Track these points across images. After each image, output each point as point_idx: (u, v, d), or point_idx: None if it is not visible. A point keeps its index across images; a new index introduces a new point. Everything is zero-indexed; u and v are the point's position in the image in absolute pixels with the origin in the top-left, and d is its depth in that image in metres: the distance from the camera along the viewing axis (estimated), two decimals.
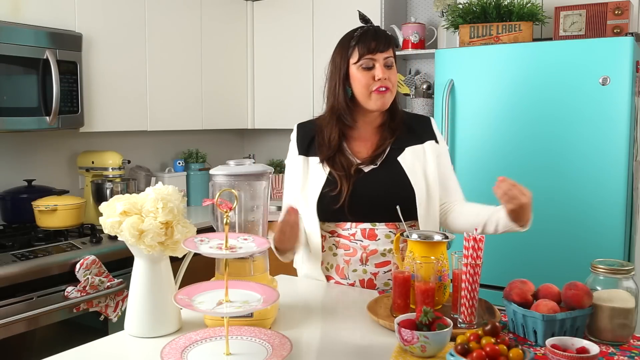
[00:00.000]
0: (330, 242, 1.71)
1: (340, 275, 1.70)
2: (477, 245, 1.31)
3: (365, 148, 1.71)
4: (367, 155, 1.69)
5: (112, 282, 2.38)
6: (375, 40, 1.62)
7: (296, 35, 3.63)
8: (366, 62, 1.62)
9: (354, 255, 1.67)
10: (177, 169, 3.60)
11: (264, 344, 1.18)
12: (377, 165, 1.67)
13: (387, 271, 1.66)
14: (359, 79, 1.64)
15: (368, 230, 1.65)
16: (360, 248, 1.66)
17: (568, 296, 1.27)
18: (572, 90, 2.40)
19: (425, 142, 1.71)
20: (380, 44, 1.62)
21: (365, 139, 1.72)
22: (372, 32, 1.65)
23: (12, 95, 2.40)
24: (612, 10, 2.51)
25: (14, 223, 2.70)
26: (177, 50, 3.29)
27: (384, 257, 1.65)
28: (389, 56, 1.64)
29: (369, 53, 1.62)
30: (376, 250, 1.65)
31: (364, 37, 1.64)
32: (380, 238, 1.65)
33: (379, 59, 1.62)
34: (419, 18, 3.55)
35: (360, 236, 1.66)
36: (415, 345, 1.15)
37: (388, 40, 1.65)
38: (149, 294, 1.30)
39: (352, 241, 1.67)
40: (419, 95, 3.32)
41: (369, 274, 1.67)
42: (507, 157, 2.54)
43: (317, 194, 1.67)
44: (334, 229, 1.69)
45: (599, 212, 2.36)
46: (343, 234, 1.68)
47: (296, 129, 1.83)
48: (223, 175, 1.37)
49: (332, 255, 1.71)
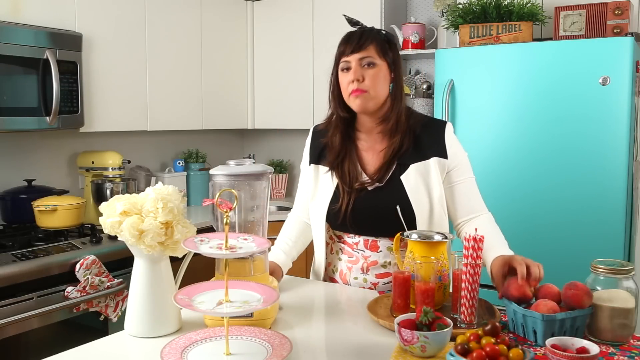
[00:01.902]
0: (337, 246, 1.73)
1: (343, 280, 1.72)
2: (477, 245, 1.31)
3: (373, 159, 1.67)
4: (374, 167, 1.65)
5: (112, 282, 2.38)
6: (345, 44, 1.61)
7: (296, 35, 3.63)
8: (343, 65, 1.61)
9: (356, 263, 1.68)
10: (177, 169, 3.60)
11: (264, 344, 1.18)
12: (382, 184, 1.62)
13: (387, 282, 1.66)
14: (341, 82, 1.63)
15: (371, 242, 1.65)
16: (361, 257, 1.67)
17: (568, 296, 1.27)
18: (572, 90, 2.40)
19: (430, 159, 1.62)
20: (351, 46, 1.59)
21: (372, 147, 1.68)
22: (349, 34, 1.63)
23: (12, 95, 2.40)
24: (612, 10, 2.51)
25: (14, 223, 2.70)
26: (177, 50, 3.29)
27: (384, 268, 1.66)
28: (366, 56, 1.58)
29: (343, 55, 1.61)
30: (377, 262, 1.65)
31: (343, 39, 1.64)
32: (382, 250, 1.65)
33: (353, 60, 1.59)
34: (419, 18, 3.55)
35: (363, 246, 1.66)
36: (415, 345, 1.15)
37: (363, 40, 1.59)
38: (149, 294, 1.30)
39: (354, 250, 1.68)
40: (419, 95, 3.32)
41: (369, 283, 1.67)
42: (507, 157, 2.54)
43: (325, 208, 1.67)
44: (341, 234, 1.71)
45: (599, 212, 2.36)
46: (347, 241, 1.70)
47: (311, 135, 1.80)
48: (223, 175, 1.37)
49: (338, 260, 1.73)
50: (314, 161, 1.74)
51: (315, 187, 1.72)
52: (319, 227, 1.71)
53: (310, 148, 1.77)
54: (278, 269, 1.68)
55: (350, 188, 1.63)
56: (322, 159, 1.72)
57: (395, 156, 1.62)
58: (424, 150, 1.63)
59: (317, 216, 1.70)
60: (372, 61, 1.59)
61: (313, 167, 1.73)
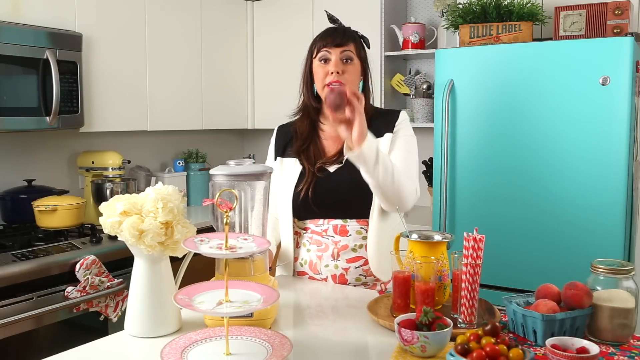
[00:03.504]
0: (305, 238, 1.76)
1: (313, 270, 1.75)
2: (477, 245, 1.31)
3: (334, 146, 1.75)
4: (335, 152, 1.73)
5: (112, 282, 2.38)
6: (330, 36, 1.67)
7: (296, 35, 3.63)
8: (322, 55, 1.66)
9: (326, 250, 1.71)
10: (177, 169, 3.60)
11: (264, 344, 1.18)
12: (342, 164, 1.70)
13: (358, 266, 1.70)
14: (316, 72, 1.69)
15: (340, 227, 1.70)
16: (331, 243, 1.71)
17: (568, 296, 1.27)
18: (572, 90, 2.40)
19: (384, 135, 1.71)
20: (336, 38, 1.65)
21: (334, 136, 1.75)
22: (332, 29, 1.71)
23: (12, 95, 2.40)
24: (612, 10, 2.51)
25: (14, 223, 2.70)
26: (177, 50, 3.29)
27: (354, 252, 1.70)
28: (347, 50, 1.65)
29: (325, 46, 1.65)
30: (347, 246, 1.70)
31: (324, 32, 1.70)
32: (351, 234, 1.70)
33: (335, 53, 1.65)
34: (419, 18, 3.55)
35: (332, 232, 1.71)
36: (415, 345, 1.15)
37: (347, 35, 1.68)
38: (149, 294, 1.30)
39: (324, 237, 1.72)
40: (419, 95, 3.32)
41: (340, 269, 1.71)
42: (507, 157, 2.54)
43: (291, 193, 1.72)
44: (308, 225, 1.75)
45: (599, 212, 2.36)
46: (316, 230, 1.73)
47: (275, 132, 1.89)
48: (223, 175, 1.37)
49: (306, 252, 1.76)
50: (279, 154, 1.81)
51: (281, 178, 1.77)
52: (286, 215, 1.75)
53: (275, 144, 1.84)
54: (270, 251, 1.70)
55: (313, 168, 1.70)
56: (286, 150, 1.80)
57: None
58: (377, 131, 1.69)
59: (284, 203, 1.75)
60: (351, 57, 1.67)
61: (279, 161, 1.80)
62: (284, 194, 1.75)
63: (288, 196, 1.73)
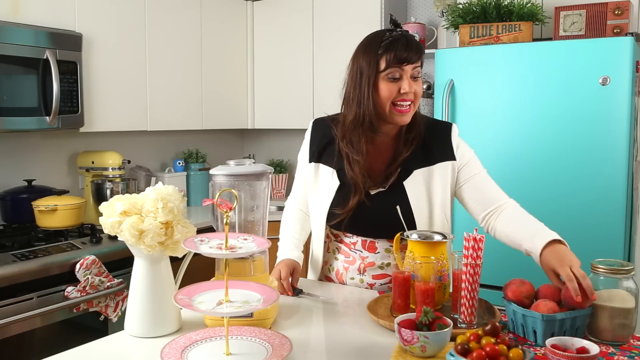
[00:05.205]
0: (334, 245, 1.72)
1: (339, 279, 1.72)
2: (477, 245, 1.31)
3: (377, 162, 1.61)
4: (378, 171, 1.61)
5: (112, 282, 2.38)
6: (407, 52, 1.48)
7: (296, 35, 3.63)
8: (393, 73, 1.49)
9: (353, 263, 1.67)
10: (177, 169, 3.60)
11: (264, 344, 1.18)
12: (385, 189, 1.59)
13: (383, 283, 1.65)
14: (383, 89, 1.50)
15: (369, 243, 1.64)
16: (359, 258, 1.66)
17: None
18: (572, 90, 2.40)
19: (435, 165, 1.59)
20: (412, 55, 1.49)
21: (380, 151, 1.62)
22: (404, 40, 1.50)
23: (12, 95, 2.40)
24: (612, 10, 2.51)
25: (14, 223, 2.70)
26: (177, 50, 3.29)
27: (381, 269, 1.65)
28: (418, 66, 1.52)
29: (399, 64, 1.48)
30: (374, 263, 1.64)
31: (395, 45, 1.49)
32: (379, 251, 1.64)
33: (407, 71, 1.50)
34: (419, 18, 3.55)
35: (360, 246, 1.66)
36: (415, 345, 1.15)
37: (420, 50, 1.51)
38: (149, 294, 1.30)
39: (352, 250, 1.67)
40: None
41: (365, 283, 1.67)
42: (507, 157, 2.54)
43: (326, 210, 1.64)
44: (338, 233, 1.70)
45: (599, 212, 2.36)
46: (345, 241, 1.69)
47: (311, 128, 1.72)
48: (223, 175, 1.37)
49: (335, 259, 1.72)
50: (314, 159, 1.68)
51: (315, 184, 1.68)
52: (318, 225, 1.69)
53: (311, 144, 1.70)
54: (298, 266, 1.66)
55: (354, 192, 1.58)
56: (323, 158, 1.66)
57: (400, 161, 1.59)
58: (430, 155, 1.60)
59: (318, 215, 1.68)
60: (419, 71, 1.53)
61: (313, 166, 1.68)
62: (319, 205, 1.66)
63: (323, 209, 1.64)
